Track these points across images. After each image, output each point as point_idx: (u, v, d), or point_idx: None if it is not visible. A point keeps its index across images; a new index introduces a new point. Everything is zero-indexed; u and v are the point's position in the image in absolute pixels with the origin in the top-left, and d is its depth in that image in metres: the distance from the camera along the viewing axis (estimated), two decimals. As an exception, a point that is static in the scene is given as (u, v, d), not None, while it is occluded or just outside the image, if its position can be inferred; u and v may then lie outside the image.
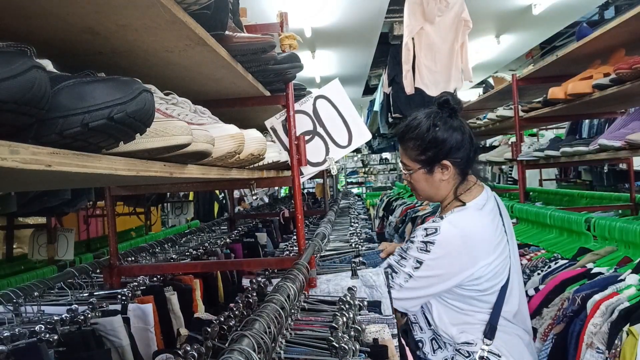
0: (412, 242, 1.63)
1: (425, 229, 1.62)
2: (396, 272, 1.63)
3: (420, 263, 1.58)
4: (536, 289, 1.87)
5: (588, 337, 1.47)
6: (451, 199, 1.70)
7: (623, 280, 1.58)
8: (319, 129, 1.94)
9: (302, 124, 1.91)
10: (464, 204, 1.65)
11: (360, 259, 1.78)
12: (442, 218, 1.63)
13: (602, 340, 1.44)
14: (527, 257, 2.19)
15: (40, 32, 0.88)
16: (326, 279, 1.66)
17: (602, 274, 1.72)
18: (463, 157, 1.65)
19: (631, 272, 1.61)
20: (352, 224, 3.08)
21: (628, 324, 1.35)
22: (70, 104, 0.58)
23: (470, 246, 1.56)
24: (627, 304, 1.44)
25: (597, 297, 1.54)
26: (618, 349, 1.36)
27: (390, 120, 7.05)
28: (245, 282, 1.79)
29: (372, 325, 1.28)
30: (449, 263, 1.57)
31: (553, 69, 2.96)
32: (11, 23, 0.83)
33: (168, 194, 4.00)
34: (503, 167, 6.78)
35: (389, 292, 1.60)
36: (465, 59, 4.05)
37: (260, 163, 1.38)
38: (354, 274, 1.63)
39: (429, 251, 1.57)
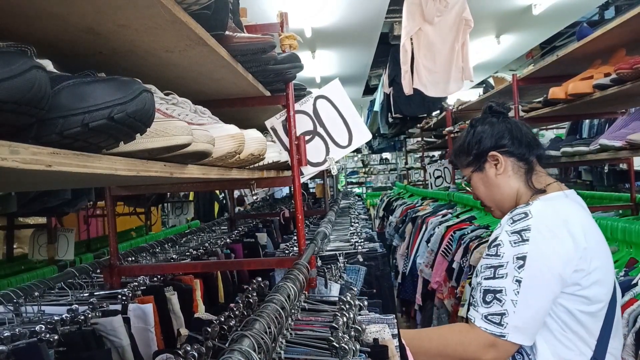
0: (498, 244, 1.33)
1: (511, 217, 1.35)
2: (496, 292, 1.28)
3: (524, 258, 1.27)
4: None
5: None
6: (528, 194, 1.46)
7: (637, 284, 1.55)
8: (319, 129, 1.94)
9: (302, 124, 1.91)
10: (545, 192, 1.43)
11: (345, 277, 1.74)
12: (528, 204, 1.38)
13: (632, 352, 1.38)
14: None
15: (40, 32, 0.88)
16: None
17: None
18: (514, 145, 1.48)
19: (643, 275, 1.59)
20: (353, 223, 3.08)
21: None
22: (71, 104, 0.58)
23: (569, 225, 1.30)
24: (648, 311, 1.42)
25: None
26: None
27: (390, 120, 7.06)
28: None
29: (372, 325, 1.28)
30: (554, 247, 1.28)
31: (553, 69, 2.96)
32: (11, 23, 0.83)
33: (168, 194, 4.00)
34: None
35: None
36: (466, 58, 4.04)
37: (261, 163, 1.38)
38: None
39: (527, 240, 1.28)
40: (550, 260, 1.27)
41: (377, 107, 7.94)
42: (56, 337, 1.15)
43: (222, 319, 1.18)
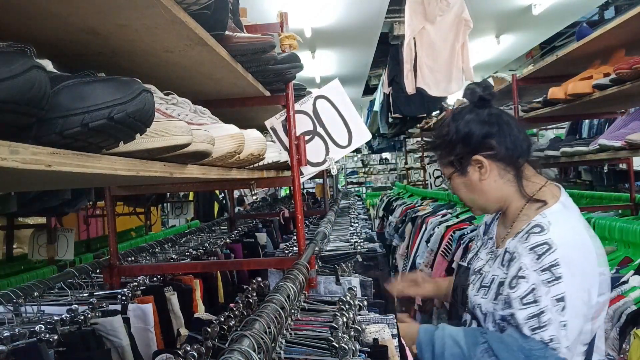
0: (533, 288, 1.22)
1: (533, 249, 1.24)
2: (548, 342, 1.20)
3: (563, 299, 1.19)
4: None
5: (599, 343, 1.43)
6: (519, 202, 1.38)
7: (626, 282, 1.57)
8: (319, 129, 1.94)
9: (302, 124, 1.91)
10: (545, 202, 1.33)
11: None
12: (542, 228, 1.27)
13: (613, 346, 1.41)
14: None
15: (40, 32, 0.88)
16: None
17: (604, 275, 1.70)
18: (501, 148, 1.35)
19: (634, 274, 1.60)
20: (352, 224, 3.08)
21: (635, 327, 1.34)
22: (70, 104, 0.58)
23: (588, 250, 1.26)
24: (633, 307, 1.42)
25: (602, 301, 1.50)
26: (626, 353, 1.34)
27: (390, 120, 7.05)
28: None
29: (372, 325, 1.28)
30: (584, 278, 1.23)
31: (553, 69, 2.96)
32: (11, 23, 0.83)
33: (168, 194, 4.00)
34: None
35: None
36: (466, 58, 4.05)
37: (260, 163, 1.38)
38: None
39: (559, 278, 1.20)
40: (584, 293, 1.23)
41: (376, 107, 7.94)
42: (56, 337, 1.15)
43: (222, 319, 1.18)
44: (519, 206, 1.38)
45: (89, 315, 1.30)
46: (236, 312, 1.25)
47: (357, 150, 13.68)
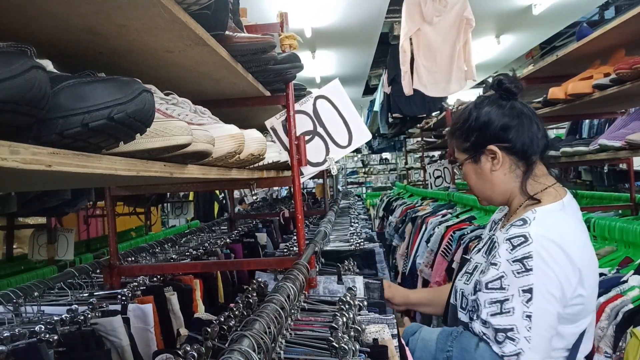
0: (501, 276, 1.24)
1: (509, 240, 1.25)
2: (507, 331, 1.20)
3: (530, 291, 1.20)
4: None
5: (596, 340, 1.44)
6: (521, 199, 1.38)
7: (626, 281, 1.58)
8: (319, 129, 1.94)
9: (302, 124, 1.91)
10: (538, 201, 1.33)
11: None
12: (524, 221, 1.28)
13: (609, 343, 1.42)
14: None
15: (40, 32, 0.88)
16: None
17: (605, 275, 1.71)
18: (517, 142, 1.35)
19: (633, 273, 1.61)
20: (352, 224, 3.08)
21: (632, 326, 1.35)
22: (70, 104, 0.58)
23: (568, 248, 1.23)
24: (631, 306, 1.43)
25: (601, 299, 1.50)
26: (623, 351, 1.35)
27: (390, 120, 7.06)
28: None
29: (372, 326, 1.28)
30: (558, 274, 1.21)
31: (553, 69, 2.96)
32: (11, 23, 0.83)
33: (168, 194, 4.00)
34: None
35: None
36: (469, 57, 4.04)
37: (260, 163, 1.38)
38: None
39: (530, 270, 1.20)
40: (556, 289, 1.21)
41: (377, 107, 7.94)
42: (56, 337, 1.15)
43: (222, 319, 1.18)
44: (519, 202, 1.39)
45: (89, 316, 1.30)
46: (236, 312, 1.24)
47: (357, 150, 13.68)
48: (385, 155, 14.67)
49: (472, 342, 1.28)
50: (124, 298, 1.52)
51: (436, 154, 7.36)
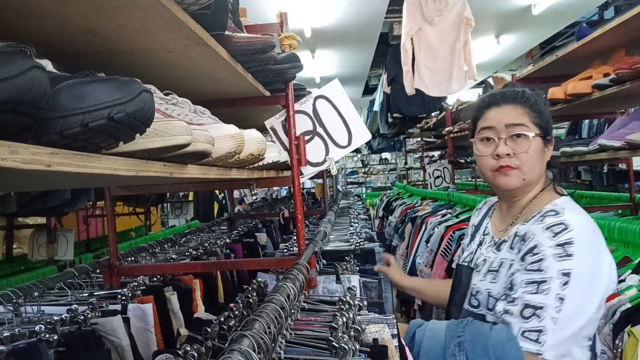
0: (541, 258, 1.24)
1: (549, 228, 1.27)
2: (536, 308, 1.21)
3: (568, 275, 1.20)
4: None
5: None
6: (539, 188, 1.42)
7: (623, 280, 1.58)
8: (319, 129, 1.94)
9: (302, 124, 1.92)
10: (560, 194, 1.39)
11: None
12: (556, 212, 1.31)
13: (605, 341, 1.43)
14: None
15: (40, 32, 0.88)
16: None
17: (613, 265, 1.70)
18: (552, 136, 1.44)
19: (631, 273, 1.61)
20: (352, 223, 3.08)
21: (629, 325, 1.35)
22: (70, 104, 0.58)
23: (598, 237, 1.29)
24: (628, 305, 1.44)
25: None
26: (619, 350, 1.35)
27: (390, 120, 7.06)
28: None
29: (372, 325, 1.28)
30: (594, 262, 1.23)
31: (553, 69, 2.96)
32: (11, 23, 0.83)
33: (168, 194, 4.00)
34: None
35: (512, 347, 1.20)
36: (469, 57, 4.04)
37: (260, 163, 1.38)
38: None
39: (571, 255, 1.21)
40: (589, 278, 1.22)
41: (376, 107, 7.94)
42: (56, 337, 1.15)
43: (222, 319, 1.18)
44: (534, 194, 1.42)
45: (89, 315, 1.30)
46: (236, 312, 1.25)
47: (357, 150, 13.68)
48: (385, 155, 14.66)
49: (486, 326, 1.29)
50: (124, 298, 1.52)
51: (436, 154, 7.36)
